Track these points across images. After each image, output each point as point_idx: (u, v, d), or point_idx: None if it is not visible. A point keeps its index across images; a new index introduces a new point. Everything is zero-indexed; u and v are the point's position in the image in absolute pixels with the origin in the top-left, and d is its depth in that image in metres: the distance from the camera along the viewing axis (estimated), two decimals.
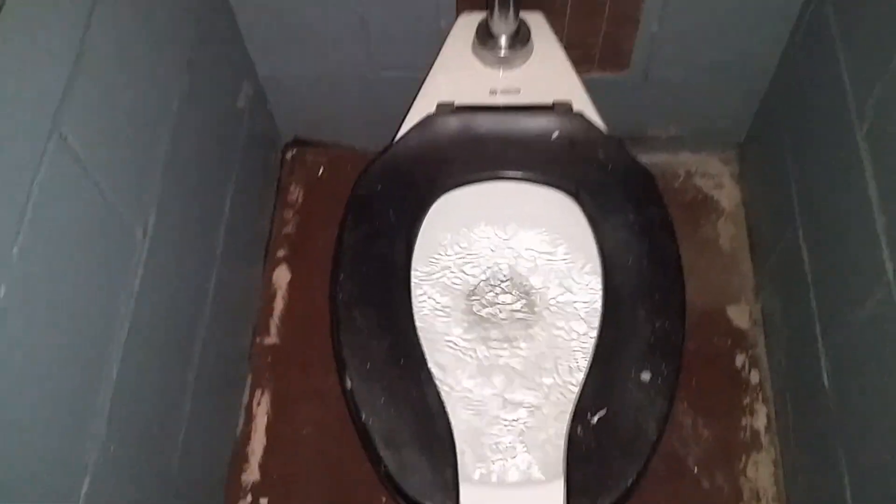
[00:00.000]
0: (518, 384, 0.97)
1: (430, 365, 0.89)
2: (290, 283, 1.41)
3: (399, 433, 0.85)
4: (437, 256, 1.04)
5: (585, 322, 1.00)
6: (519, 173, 1.01)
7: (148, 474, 0.99)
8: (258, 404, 1.31)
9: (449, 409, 0.87)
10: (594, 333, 0.91)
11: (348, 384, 0.88)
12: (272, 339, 1.36)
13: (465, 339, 1.00)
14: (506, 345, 0.99)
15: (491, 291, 1.03)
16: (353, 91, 1.39)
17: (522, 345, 1.00)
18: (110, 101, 0.86)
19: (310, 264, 1.42)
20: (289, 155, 1.53)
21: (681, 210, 1.46)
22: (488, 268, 1.05)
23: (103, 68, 0.84)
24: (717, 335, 1.34)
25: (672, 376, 0.87)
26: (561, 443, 0.86)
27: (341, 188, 1.49)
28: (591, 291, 1.00)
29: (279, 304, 1.39)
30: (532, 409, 0.96)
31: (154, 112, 0.98)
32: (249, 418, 1.30)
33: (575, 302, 1.02)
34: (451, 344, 1.00)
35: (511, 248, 1.06)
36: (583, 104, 1.06)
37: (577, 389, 0.88)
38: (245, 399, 1.31)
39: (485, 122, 1.03)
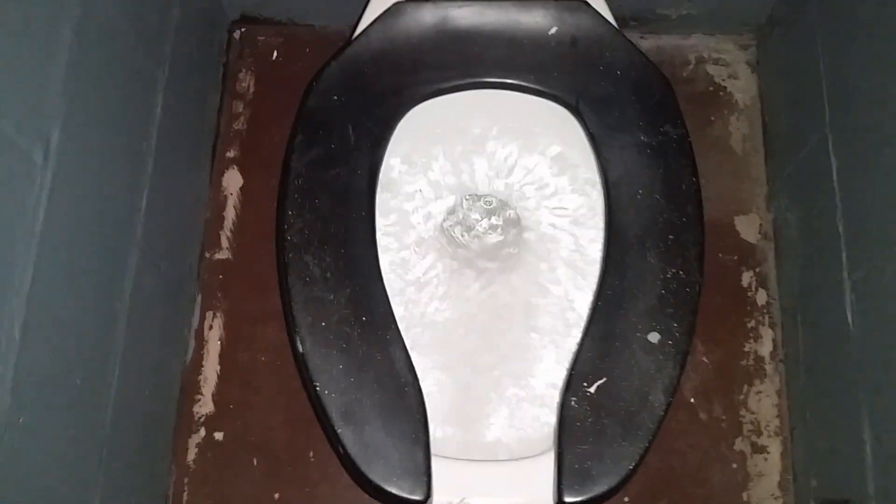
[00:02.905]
0: (504, 335, 0.83)
1: (400, 321, 0.74)
2: (243, 189, 1.24)
3: (360, 407, 0.71)
4: (407, 184, 0.87)
5: (581, 265, 0.84)
6: (506, 79, 0.83)
7: (73, 429, 0.85)
8: (210, 328, 1.17)
9: (420, 372, 0.73)
10: (592, 281, 0.77)
11: (300, 347, 0.73)
12: (223, 253, 1.21)
13: (441, 282, 0.85)
14: (490, 285, 0.84)
15: (471, 224, 0.87)
16: None
17: (508, 287, 0.85)
18: None
19: (264, 166, 1.24)
20: (236, 35, 1.31)
21: (689, 103, 1.27)
22: (468, 196, 0.88)
23: None
24: (722, 250, 1.20)
25: (684, 338, 0.74)
26: (553, 411, 0.74)
27: (299, 74, 1.30)
28: (592, 227, 0.85)
29: (230, 214, 1.22)
30: (521, 366, 0.83)
31: (48, 2, 0.77)
32: (201, 344, 1.16)
33: (571, 238, 0.86)
34: (424, 289, 0.85)
35: (496, 172, 0.89)
36: None
37: (572, 350, 0.75)
38: (195, 323, 1.17)
39: (465, 14, 0.84)
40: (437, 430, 0.77)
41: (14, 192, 0.72)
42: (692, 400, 1.13)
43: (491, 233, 0.88)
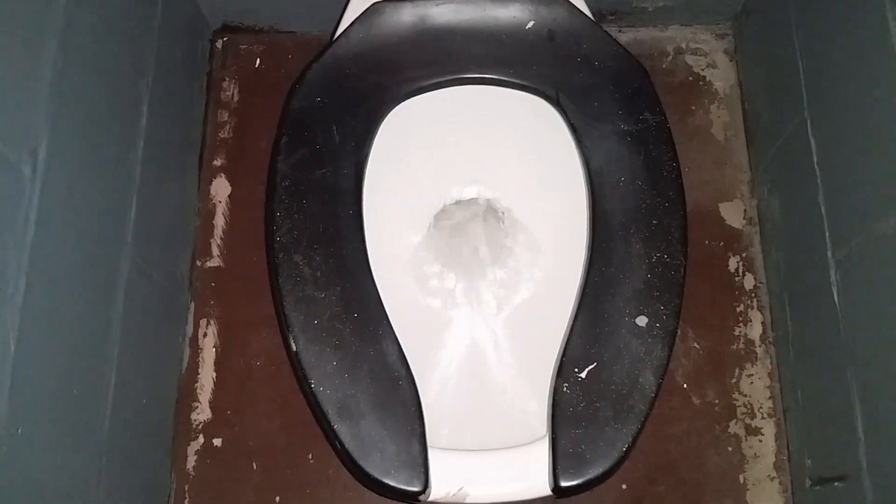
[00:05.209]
0: (495, 333, 0.84)
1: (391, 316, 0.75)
2: (231, 196, 1.25)
3: (355, 402, 0.72)
4: (391, 181, 0.88)
5: (567, 254, 0.85)
6: (487, 74, 0.84)
7: (72, 438, 0.86)
8: (204, 335, 1.18)
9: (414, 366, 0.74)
10: (578, 270, 0.78)
11: (293, 346, 0.74)
12: (215, 261, 1.21)
13: (429, 279, 0.86)
14: (480, 285, 0.85)
15: (458, 221, 0.88)
16: None
17: (499, 283, 0.86)
18: None
19: (252, 173, 1.25)
20: (219, 44, 1.32)
21: (669, 94, 1.29)
22: (453, 192, 0.89)
23: None
24: (708, 237, 1.21)
25: (671, 320, 0.75)
26: (545, 398, 0.75)
27: (283, 81, 1.31)
28: (576, 217, 0.86)
29: (220, 222, 1.23)
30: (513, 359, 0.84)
31: (33, 12, 0.78)
32: (195, 352, 1.17)
33: (556, 230, 0.87)
34: (412, 286, 0.86)
35: (479, 166, 0.90)
36: None
37: (562, 339, 0.75)
38: (189, 331, 1.18)
39: (443, 11, 0.85)
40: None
41: (4, 205, 0.73)
42: (685, 385, 1.14)
43: (477, 237, 0.89)
